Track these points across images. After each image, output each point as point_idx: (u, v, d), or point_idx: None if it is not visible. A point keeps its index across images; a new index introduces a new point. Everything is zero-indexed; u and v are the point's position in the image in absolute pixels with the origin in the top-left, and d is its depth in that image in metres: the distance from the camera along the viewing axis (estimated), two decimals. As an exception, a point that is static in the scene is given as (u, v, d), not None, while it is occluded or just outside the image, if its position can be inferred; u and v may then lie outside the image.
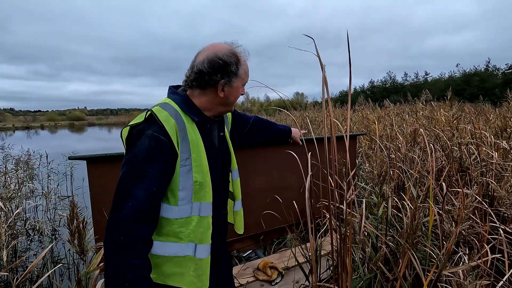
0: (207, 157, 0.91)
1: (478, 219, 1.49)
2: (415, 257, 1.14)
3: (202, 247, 0.90)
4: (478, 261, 1.17)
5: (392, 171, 2.18)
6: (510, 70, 26.17)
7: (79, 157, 1.50)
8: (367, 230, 1.50)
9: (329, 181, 1.16)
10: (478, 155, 2.17)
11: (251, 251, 2.42)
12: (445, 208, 1.45)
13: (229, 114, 1.19)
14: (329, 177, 1.15)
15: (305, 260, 1.56)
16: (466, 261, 1.22)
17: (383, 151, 2.59)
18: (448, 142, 2.37)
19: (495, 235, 1.38)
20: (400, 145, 2.87)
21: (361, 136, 4.62)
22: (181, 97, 0.92)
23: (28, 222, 3.44)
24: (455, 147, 2.40)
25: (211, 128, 0.99)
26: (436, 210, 1.37)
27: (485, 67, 29.48)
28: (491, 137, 2.31)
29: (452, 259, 1.32)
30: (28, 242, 3.12)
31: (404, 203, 1.53)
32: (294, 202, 1.74)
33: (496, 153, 2.07)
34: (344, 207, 1.14)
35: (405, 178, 2.16)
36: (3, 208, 2.71)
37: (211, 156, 0.93)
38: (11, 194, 3.40)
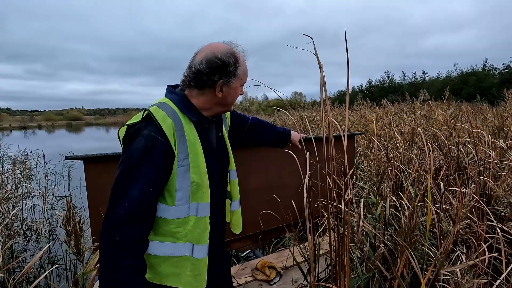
0: (205, 158, 0.90)
1: (476, 218, 1.49)
2: (413, 256, 1.14)
3: (200, 248, 0.89)
4: (476, 260, 1.17)
5: (390, 171, 2.18)
6: (507, 70, 26.31)
7: (76, 157, 1.49)
8: (365, 230, 1.50)
9: (327, 181, 1.16)
10: (476, 154, 2.18)
11: (250, 251, 2.42)
12: (443, 207, 1.45)
13: (228, 114, 1.18)
14: (327, 177, 1.15)
15: (304, 260, 1.56)
16: (464, 260, 1.23)
17: (381, 151, 2.59)
18: (446, 142, 2.38)
19: (493, 234, 1.39)
20: (398, 145, 2.88)
21: (359, 136, 4.63)
22: (179, 97, 0.91)
23: (25, 223, 3.42)
24: (453, 147, 2.41)
25: (209, 128, 0.98)
26: (434, 209, 1.37)
27: (482, 67, 29.66)
28: (488, 136, 2.32)
29: (450, 258, 1.33)
30: (25, 243, 3.11)
31: (402, 202, 1.53)
32: (293, 202, 1.74)
33: (493, 152, 2.07)
34: (342, 207, 1.14)
35: (403, 178, 2.16)
36: (0, 209, 2.69)
37: (209, 157, 0.93)
38: (8, 195, 3.38)
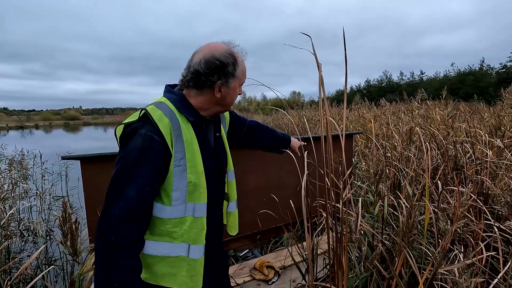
0: (202, 158, 0.90)
1: (473, 217, 1.50)
2: (411, 256, 1.14)
3: (196, 248, 0.89)
4: (473, 259, 1.17)
5: (388, 170, 2.19)
6: (504, 70, 26.47)
7: (73, 157, 1.48)
8: (363, 229, 1.50)
9: (326, 180, 1.16)
10: (473, 154, 2.19)
11: (248, 251, 2.41)
12: (441, 206, 1.46)
13: (227, 115, 1.17)
14: (326, 176, 1.15)
15: (302, 259, 1.56)
16: (462, 259, 1.23)
17: (379, 150, 2.59)
18: (444, 141, 2.39)
19: (490, 233, 1.39)
20: (396, 144, 2.88)
21: (358, 135, 4.64)
22: (177, 96, 0.91)
23: (22, 223, 3.40)
24: (450, 146, 2.42)
25: (207, 128, 0.97)
26: (432, 209, 1.37)
27: (480, 67, 29.83)
28: (486, 136, 2.33)
29: (448, 257, 1.33)
30: (22, 243, 3.09)
31: (400, 202, 1.53)
32: (291, 201, 1.74)
33: (491, 151, 2.08)
34: (341, 206, 1.14)
35: (401, 177, 2.17)
36: (-4, 209, 2.67)
37: (206, 157, 0.92)
38: (5, 195, 3.36)
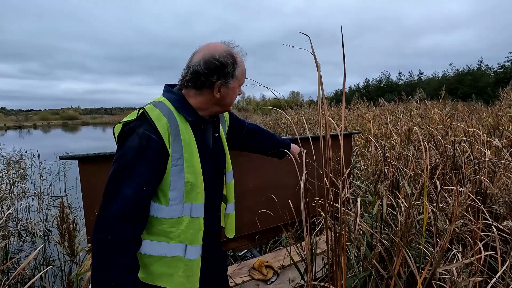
0: (200, 158, 0.89)
1: (472, 217, 1.50)
2: (410, 255, 1.14)
3: (193, 248, 0.89)
4: (472, 259, 1.18)
5: (387, 169, 2.19)
6: (502, 70, 26.56)
7: (71, 157, 1.47)
8: (362, 229, 1.50)
9: (324, 180, 1.16)
10: (471, 153, 2.19)
11: (247, 250, 2.41)
12: (439, 206, 1.46)
13: (227, 116, 1.16)
14: (324, 176, 1.15)
15: (301, 259, 1.55)
16: (460, 259, 1.23)
17: (378, 150, 2.60)
18: (442, 140, 2.39)
19: (488, 232, 1.40)
20: (395, 144, 2.89)
21: (356, 135, 4.65)
22: (176, 96, 0.91)
23: (20, 223, 3.39)
24: (449, 145, 2.42)
25: (206, 129, 0.97)
26: (430, 208, 1.38)
27: (478, 67, 29.92)
28: (484, 135, 2.34)
29: (446, 257, 1.33)
30: (21, 244, 3.08)
31: (399, 201, 1.53)
32: (289, 201, 1.73)
33: (489, 151, 2.09)
34: (339, 206, 1.14)
35: (400, 176, 2.17)
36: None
37: (204, 157, 0.92)
38: (2, 195, 3.34)
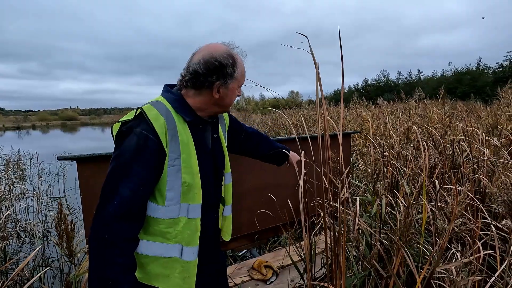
0: (198, 158, 0.89)
1: (470, 216, 1.50)
2: (409, 255, 1.14)
3: (189, 250, 0.88)
4: (471, 258, 1.18)
5: (386, 169, 2.19)
6: (501, 69, 26.62)
7: (69, 158, 1.47)
8: (361, 228, 1.50)
9: (323, 180, 1.16)
10: (470, 152, 2.19)
11: (246, 250, 2.41)
12: (438, 205, 1.46)
13: (226, 117, 1.16)
14: (323, 176, 1.15)
15: (300, 259, 1.55)
16: (459, 258, 1.23)
17: (377, 149, 2.60)
18: (441, 140, 2.39)
19: (487, 231, 1.40)
20: (394, 143, 2.89)
21: (355, 134, 4.65)
22: (175, 96, 0.90)
23: (19, 224, 3.38)
24: (448, 145, 2.42)
25: (204, 129, 0.97)
26: (429, 207, 1.38)
27: (476, 66, 29.98)
28: (483, 135, 2.34)
29: (445, 256, 1.33)
30: (20, 245, 3.07)
31: (398, 201, 1.53)
32: (289, 201, 1.73)
33: (488, 150, 2.09)
34: (338, 205, 1.14)
35: (399, 176, 2.17)
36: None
37: (203, 158, 0.92)
38: (1, 196, 3.34)
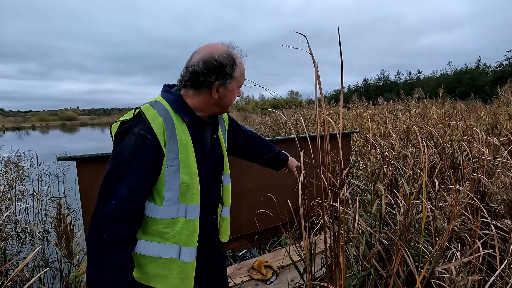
0: (197, 159, 0.89)
1: (470, 215, 1.50)
2: (409, 254, 1.14)
3: (187, 250, 0.88)
4: (470, 257, 1.18)
5: (386, 169, 2.19)
6: (500, 68, 26.64)
7: (68, 158, 1.47)
8: (361, 228, 1.50)
9: (323, 179, 1.16)
10: (470, 152, 2.19)
11: (246, 250, 2.41)
12: (438, 205, 1.46)
13: (226, 118, 1.15)
14: (322, 175, 1.15)
15: (300, 259, 1.55)
16: (459, 257, 1.23)
17: (377, 149, 2.60)
18: (441, 139, 2.39)
19: (487, 231, 1.40)
20: (394, 143, 2.89)
21: (355, 134, 4.65)
22: (174, 96, 0.90)
23: (19, 225, 3.38)
24: (447, 144, 2.42)
25: (203, 130, 0.96)
26: (429, 207, 1.38)
27: (476, 65, 30.03)
28: (482, 134, 2.34)
29: (445, 256, 1.33)
30: (19, 245, 3.07)
31: (398, 200, 1.53)
32: (288, 201, 1.73)
33: (487, 150, 2.09)
34: (338, 205, 1.14)
35: (398, 175, 2.17)
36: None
37: (201, 158, 0.91)
38: (1, 196, 3.33)
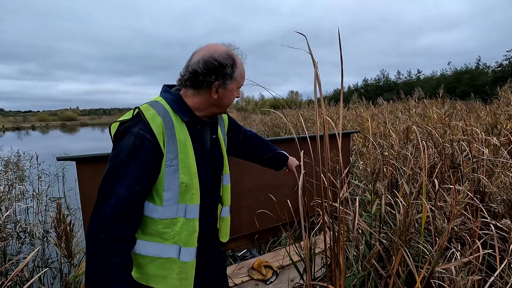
0: (197, 159, 0.89)
1: (470, 215, 1.50)
2: (408, 254, 1.14)
3: (187, 250, 0.88)
4: (470, 257, 1.18)
5: (386, 169, 2.19)
6: (500, 68, 26.65)
7: (68, 158, 1.47)
8: (361, 228, 1.50)
9: (322, 179, 1.16)
10: (470, 152, 2.19)
11: (246, 250, 2.41)
12: (438, 205, 1.46)
13: (226, 118, 1.15)
14: (322, 175, 1.15)
15: (300, 259, 1.55)
16: (459, 257, 1.23)
17: (377, 149, 2.60)
18: (440, 139, 2.40)
19: (487, 231, 1.40)
20: (393, 143, 2.89)
21: (355, 134, 4.65)
22: (173, 97, 0.90)
23: (19, 225, 3.38)
24: (447, 144, 2.42)
25: (203, 130, 0.96)
26: (429, 207, 1.38)
27: (476, 65, 30.05)
28: (482, 134, 2.34)
29: (445, 255, 1.33)
30: (19, 245, 3.07)
31: (397, 200, 1.53)
32: (288, 201, 1.73)
33: (487, 149, 2.09)
34: (338, 205, 1.14)
35: (398, 175, 2.17)
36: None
37: (201, 158, 0.91)
38: (1, 196, 3.33)
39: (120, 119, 0.84)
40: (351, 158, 3.50)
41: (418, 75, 37.64)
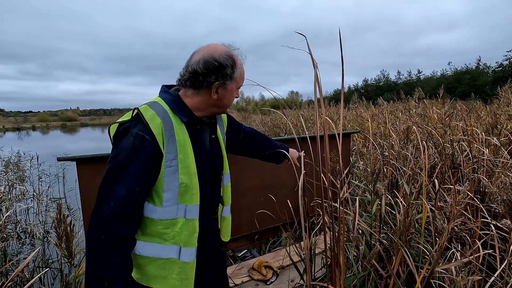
0: (196, 159, 0.89)
1: (470, 215, 1.50)
2: (408, 254, 1.14)
3: (187, 251, 0.88)
4: (470, 257, 1.18)
5: (386, 169, 2.19)
6: (500, 68, 26.64)
7: (68, 158, 1.47)
8: (361, 228, 1.50)
9: (322, 179, 1.16)
10: (470, 152, 2.19)
11: (246, 251, 2.41)
12: (438, 205, 1.46)
13: (225, 118, 1.15)
14: (322, 175, 1.15)
15: (300, 259, 1.55)
16: (459, 257, 1.23)
17: (377, 149, 2.60)
18: (441, 139, 2.39)
19: (487, 231, 1.40)
20: (394, 143, 2.89)
21: (355, 134, 4.65)
22: (172, 97, 0.90)
23: (19, 225, 3.38)
24: (447, 144, 2.42)
25: (202, 130, 0.96)
26: (429, 207, 1.38)
27: (476, 65, 30.07)
28: (482, 134, 2.34)
29: (445, 256, 1.33)
30: (20, 246, 3.07)
31: (398, 200, 1.53)
32: (288, 201, 1.73)
33: (487, 150, 2.09)
34: (338, 205, 1.14)
35: (398, 176, 2.17)
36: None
37: (200, 158, 0.91)
38: (1, 197, 3.34)
39: (119, 120, 0.84)
40: (351, 158, 3.50)
41: (418, 75, 37.67)
